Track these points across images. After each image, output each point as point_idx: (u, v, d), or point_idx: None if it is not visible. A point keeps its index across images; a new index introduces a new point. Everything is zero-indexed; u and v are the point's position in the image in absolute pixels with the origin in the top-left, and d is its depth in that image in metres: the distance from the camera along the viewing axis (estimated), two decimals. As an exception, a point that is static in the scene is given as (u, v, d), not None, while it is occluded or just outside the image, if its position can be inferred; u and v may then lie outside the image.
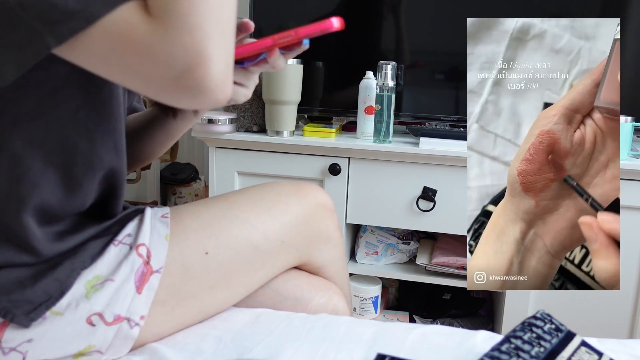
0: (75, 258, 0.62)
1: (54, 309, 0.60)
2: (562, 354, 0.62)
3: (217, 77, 0.48)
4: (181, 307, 0.69)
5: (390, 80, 1.35)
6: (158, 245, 0.67)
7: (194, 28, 0.46)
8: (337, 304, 0.84)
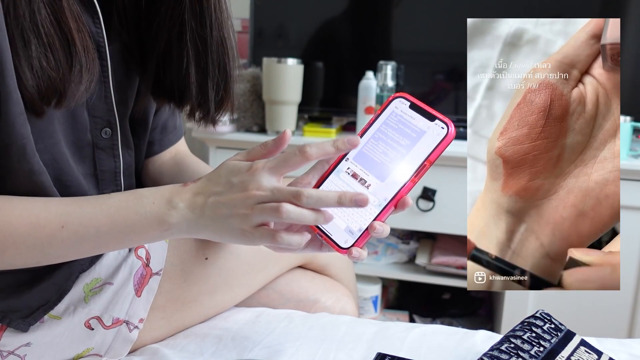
0: (74, 261, 0.62)
1: (52, 313, 0.60)
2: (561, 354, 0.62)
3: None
4: (181, 311, 0.69)
5: (390, 80, 1.36)
6: (157, 247, 0.67)
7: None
8: (345, 306, 0.83)
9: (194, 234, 0.55)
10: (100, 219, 0.53)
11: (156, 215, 0.53)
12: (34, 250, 0.52)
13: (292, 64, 1.39)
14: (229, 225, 0.52)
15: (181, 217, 0.53)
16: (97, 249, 0.56)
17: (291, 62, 1.39)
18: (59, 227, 0.52)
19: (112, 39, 0.63)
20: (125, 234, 0.54)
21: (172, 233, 0.54)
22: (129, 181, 0.73)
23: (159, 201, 0.54)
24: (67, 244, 0.53)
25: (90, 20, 0.59)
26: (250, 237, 0.52)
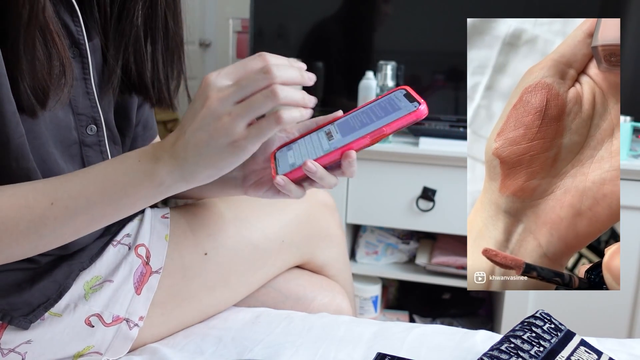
0: (74, 259, 0.62)
1: (53, 310, 0.60)
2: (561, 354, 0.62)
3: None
4: (180, 307, 0.69)
5: (390, 80, 1.36)
6: (157, 245, 0.67)
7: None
8: (340, 304, 0.83)
9: (190, 180, 0.52)
10: (89, 188, 0.51)
11: (144, 172, 0.52)
12: (29, 233, 0.51)
13: (292, 64, 1.39)
14: (216, 146, 0.49)
15: (169, 166, 0.51)
16: (94, 221, 0.54)
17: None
18: (48, 204, 0.51)
19: (91, 35, 0.64)
20: (117, 199, 0.52)
21: (167, 187, 0.52)
22: None
23: (144, 157, 0.52)
24: (60, 220, 0.51)
25: (70, 19, 0.60)
26: (244, 144, 0.49)
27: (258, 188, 0.63)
